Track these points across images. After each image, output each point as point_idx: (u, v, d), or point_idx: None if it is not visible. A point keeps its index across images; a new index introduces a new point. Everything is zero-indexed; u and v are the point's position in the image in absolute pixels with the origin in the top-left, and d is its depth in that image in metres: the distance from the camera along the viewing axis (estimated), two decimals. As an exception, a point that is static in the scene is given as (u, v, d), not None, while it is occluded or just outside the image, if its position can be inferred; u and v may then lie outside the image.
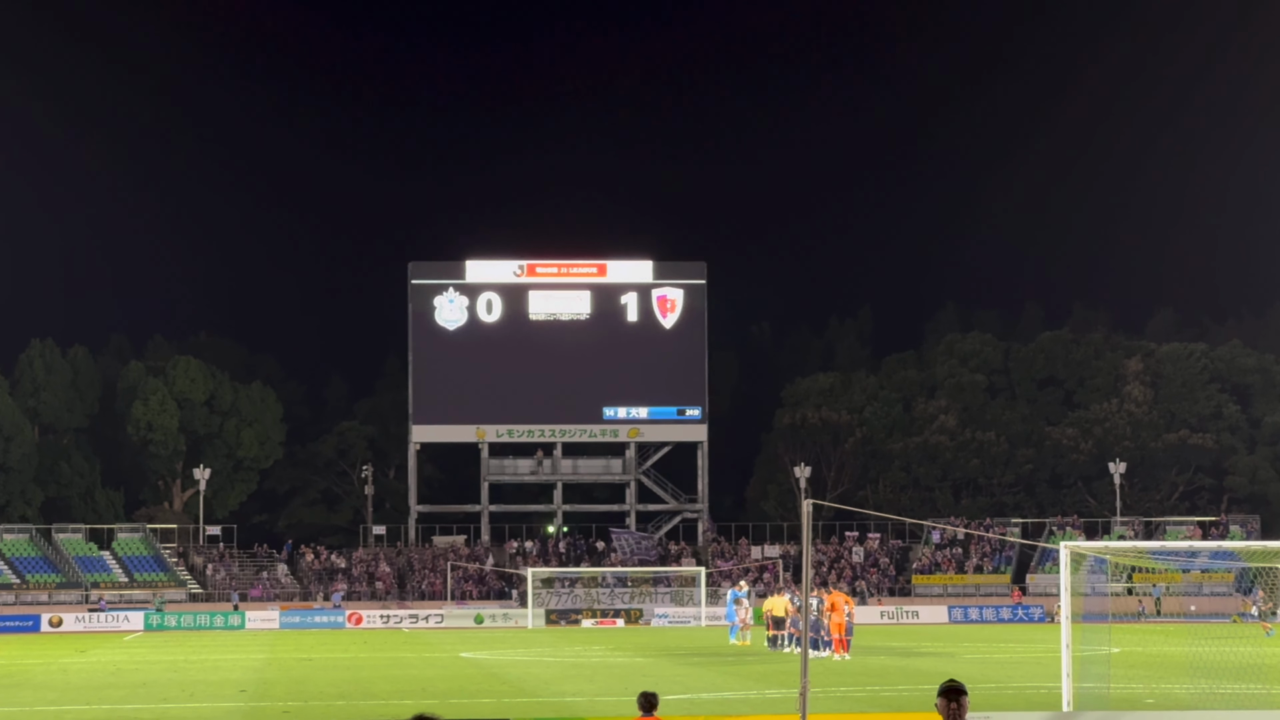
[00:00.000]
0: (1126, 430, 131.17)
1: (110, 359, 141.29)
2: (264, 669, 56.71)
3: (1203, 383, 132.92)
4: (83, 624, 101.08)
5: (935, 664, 55.34)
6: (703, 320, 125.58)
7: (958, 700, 15.64)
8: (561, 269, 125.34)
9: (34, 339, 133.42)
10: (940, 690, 15.75)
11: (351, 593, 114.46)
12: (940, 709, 15.69)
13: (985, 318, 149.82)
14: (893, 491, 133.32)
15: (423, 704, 39.16)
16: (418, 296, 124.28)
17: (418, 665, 58.45)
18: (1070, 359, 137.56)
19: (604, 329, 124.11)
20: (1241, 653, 48.79)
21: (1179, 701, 37.98)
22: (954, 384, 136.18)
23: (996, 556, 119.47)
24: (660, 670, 53.27)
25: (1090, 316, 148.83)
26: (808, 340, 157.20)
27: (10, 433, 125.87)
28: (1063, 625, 30.92)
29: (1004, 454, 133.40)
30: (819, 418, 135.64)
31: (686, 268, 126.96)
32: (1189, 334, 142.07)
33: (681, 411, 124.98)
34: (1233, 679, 41.94)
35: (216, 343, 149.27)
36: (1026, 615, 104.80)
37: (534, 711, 36.88)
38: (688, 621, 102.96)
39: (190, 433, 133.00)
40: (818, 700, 33.29)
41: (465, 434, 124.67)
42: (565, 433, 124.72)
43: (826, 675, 47.91)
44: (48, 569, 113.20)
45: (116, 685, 48.77)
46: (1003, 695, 40.34)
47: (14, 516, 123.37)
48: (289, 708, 39.16)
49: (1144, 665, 51.81)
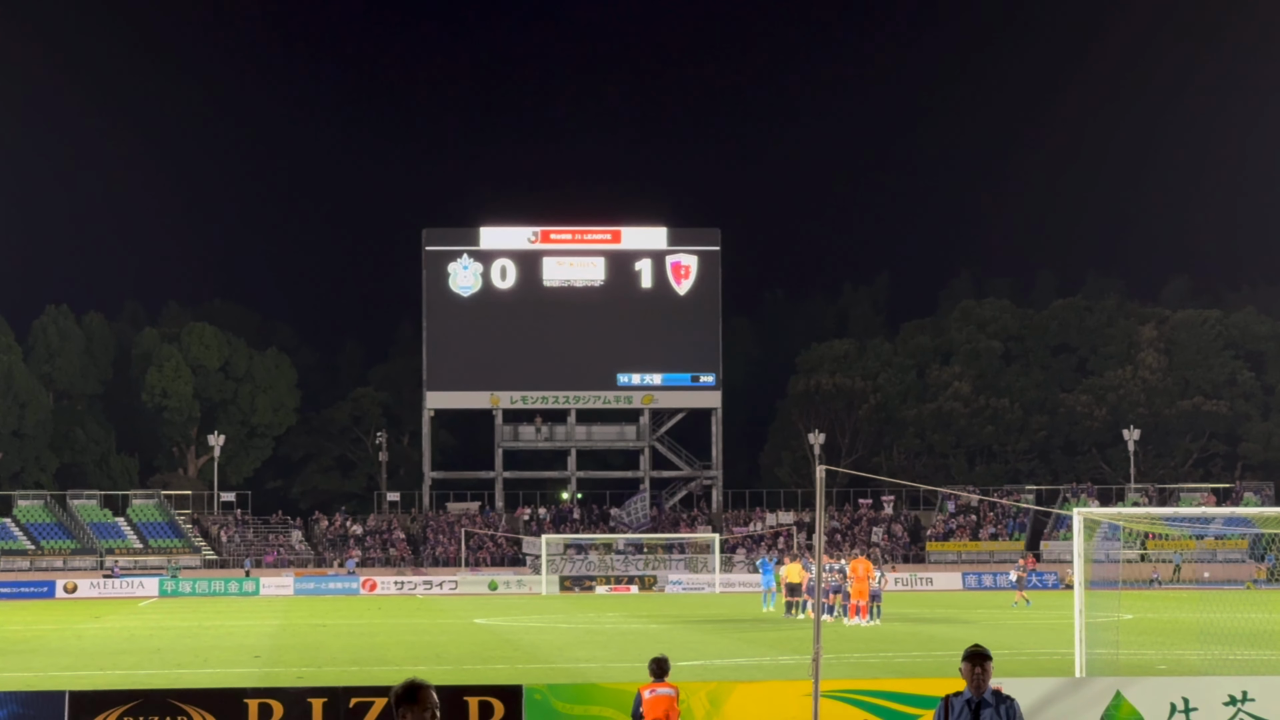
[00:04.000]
0: (1141, 397, 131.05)
1: (125, 325, 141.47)
2: (278, 635, 56.81)
3: (1217, 349, 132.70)
4: (98, 590, 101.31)
5: (949, 630, 55.35)
6: (717, 287, 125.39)
7: (982, 665, 15.69)
8: (576, 235, 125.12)
9: (49, 305, 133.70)
10: (965, 654, 15.81)
11: (366, 559, 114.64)
12: (964, 673, 15.73)
13: (999, 285, 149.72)
14: (907, 458, 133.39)
15: (436, 670, 39.23)
16: (432, 263, 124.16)
17: (432, 631, 58.54)
18: (1084, 326, 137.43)
19: (618, 295, 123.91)
20: (1255, 619, 48.76)
21: (1191, 667, 37.98)
22: (969, 350, 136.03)
23: (1010, 523, 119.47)
24: (674, 636, 53.31)
25: (1104, 284, 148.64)
26: (822, 307, 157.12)
27: (25, 399, 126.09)
28: (1076, 591, 30.88)
29: (1018, 421, 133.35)
30: (833, 384, 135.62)
31: (701, 234, 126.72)
32: (1203, 301, 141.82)
33: (696, 378, 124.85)
34: (1246, 645, 41.94)
35: (231, 309, 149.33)
36: (1040, 582, 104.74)
37: (547, 677, 36.92)
38: (702, 588, 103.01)
39: (205, 399, 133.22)
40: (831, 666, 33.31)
41: (479, 400, 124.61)
42: (579, 399, 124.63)
43: (840, 641, 47.94)
44: (63, 535, 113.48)
45: (131, 651, 48.88)
46: (1016, 661, 40.36)
47: (29, 483, 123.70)
48: (303, 673, 39.23)
49: (1157, 631, 51.82)
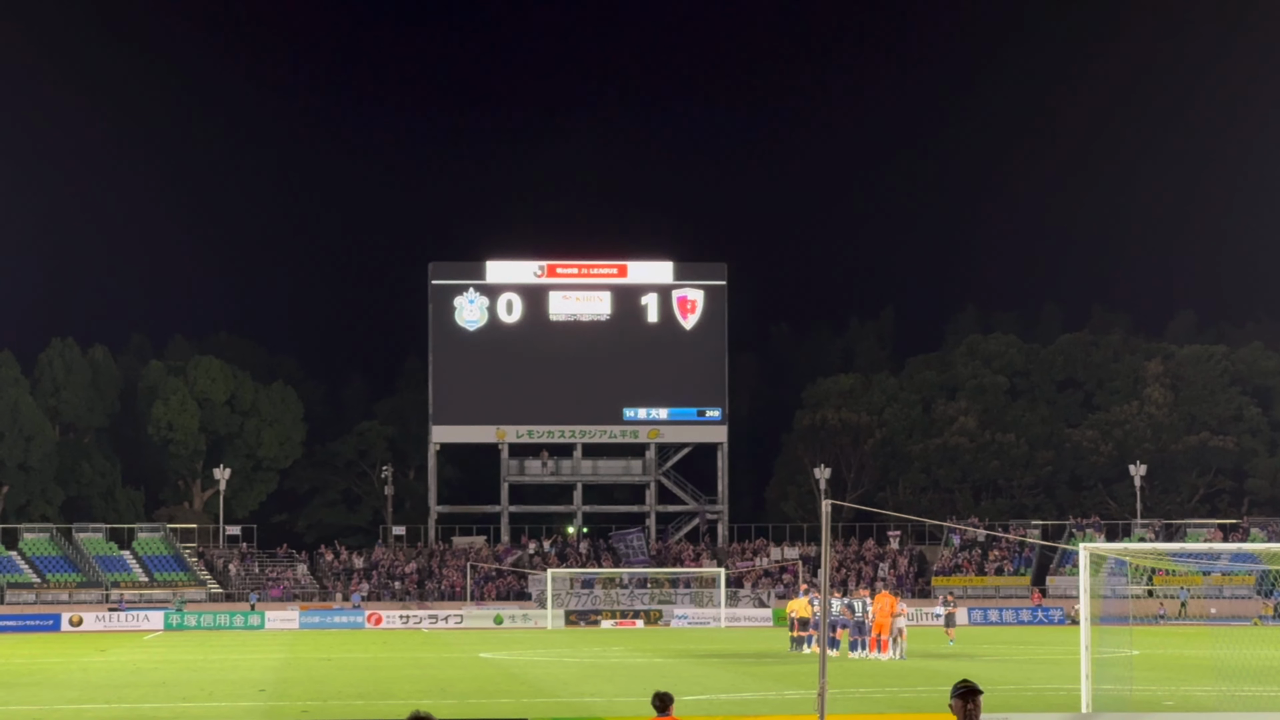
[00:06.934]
0: (1147, 432, 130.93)
1: (131, 358, 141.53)
2: (283, 669, 56.76)
3: (1223, 385, 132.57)
4: (103, 623, 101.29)
5: (954, 665, 55.24)
6: (723, 321, 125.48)
7: (973, 700, 15.65)
8: (582, 269, 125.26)
9: (55, 338, 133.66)
10: (954, 691, 15.74)
11: (371, 593, 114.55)
12: (955, 710, 15.68)
13: (1004, 319, 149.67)
14: (912, 493, 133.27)
15: (441, 704, 39.16)
16: (438, 297, 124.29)
17: (437, 665, 58.48)
18: (1090, 361, 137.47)
19: (624, 330, 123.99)
20: (1263, 655, 48.64)
21: (1199, 704, 37.89)
22: (974, 385, 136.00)
23: (1016, 558, 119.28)
24: (679, 671, 53.22)
25: (1110, 318, 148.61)
26: (828, 341, 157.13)
27: (31, 432, 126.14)
28: (1082, 627, 30.86)
29: (1024, 455, 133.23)
30: (839, 419, 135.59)
31: (707, 268, 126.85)
32: (1209, 336, 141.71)
33: (702, 412, 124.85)
34: (1253, 681, 41.82)
35: (237, 342, 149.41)
36: (1046, 617, 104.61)
37: (552, 711, 36.88)
38: (708, 623, 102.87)
39: (210, 432, 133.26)
40: (836, 701, 33.26)
41: (485, 434, 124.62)
42: (585, 433, 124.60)
43: (846, 676, 47.86)
44: (68, 568, 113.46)
45: (136, 684, 48.86)
46: (1022, 696, 40.29)
47: (35, 516, 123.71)
48: (308, 707, 39.20)
49: (1164, 667, 51.71)
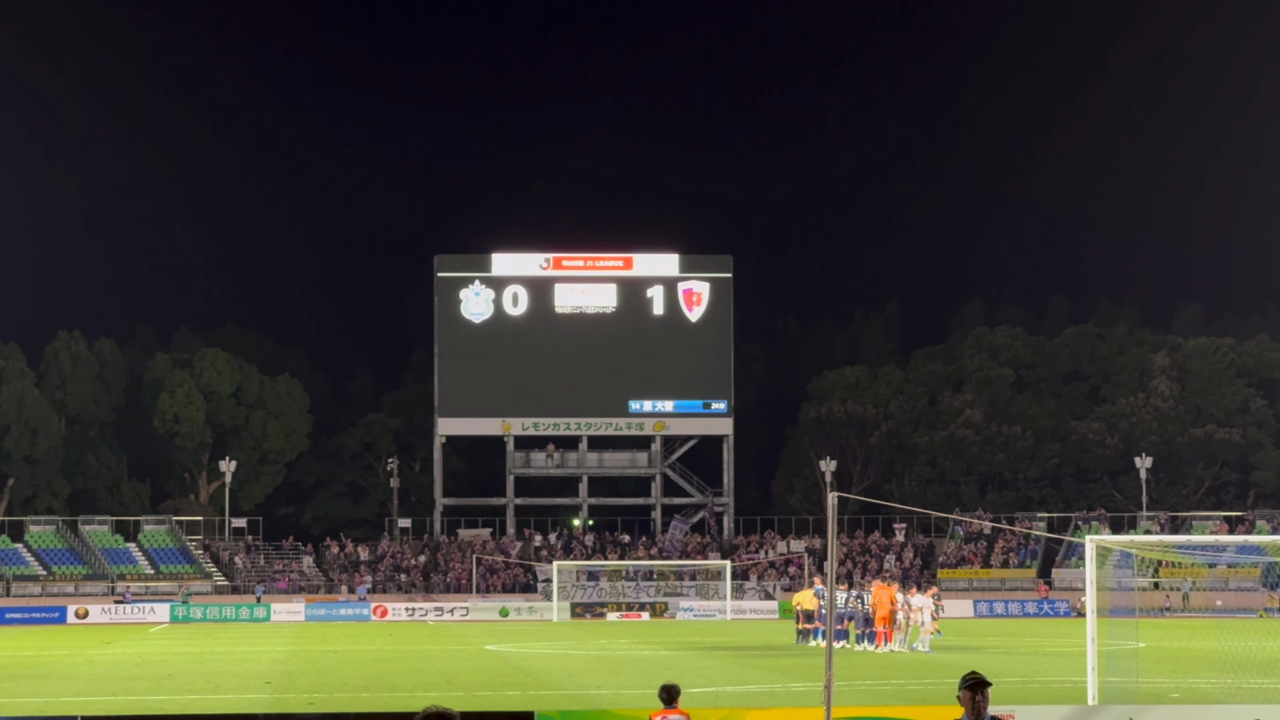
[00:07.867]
0: (1152, 425, 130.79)
1: (137, 351, 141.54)
2: (289, 661, 56.79)
3: (1229, 377, 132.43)
4: (109, 615, 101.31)
5: (960, 658, 55.22)
6: (729, 314, 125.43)
7: (981, 692, 15.63)
8: (587, 262, 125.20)
9: (61, 331, 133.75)
10: (963, 682, 15.73)
11: (377, 585, 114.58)
12: (963, 701, 15.67)
13: (1011, 312, 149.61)
14: (918, 485, 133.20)
15: (448, 696, 39.18)
16: (444, 289, 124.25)
17: (443, 658, 58.48)
18: (1096, 354, 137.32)
19: (630, 322, 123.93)
20: (1268, 647, 48.62)
21: (1204, 696, 37.88)
22: (980, 378, 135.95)
23: (1022, 551, 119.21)
24: (685, 663, 53.24)
25: (1116, 311, 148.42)
26: (833, 334, 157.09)
27: (37, 425, 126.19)
28: (1089, 619, 30.83)
29: (1030, 448, 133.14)
30: (845, 411, 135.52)
31: (713, 261, 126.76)
32: (1215, 328, 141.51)
33: (707, 405, 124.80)
34: (1259, 674, 41.79)
35: (243, 335, 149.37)
36: (1052, 610, 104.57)
37: (558, 704, 36.87)
38: (713, 615, 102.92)
39: (216, 425, 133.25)
40: (842, 693, 33.25)
41: (491, 427, 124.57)
42: (591, 426, 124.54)
43: (852, 669, 47.85)
44: (74, 561, 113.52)
45: (142, 677, 48.88)
46: (1028, 689, 40.27)
47: (41, 508, 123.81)
48: (314, 699, 39.19)
49: (1170, 660, 51.69)
